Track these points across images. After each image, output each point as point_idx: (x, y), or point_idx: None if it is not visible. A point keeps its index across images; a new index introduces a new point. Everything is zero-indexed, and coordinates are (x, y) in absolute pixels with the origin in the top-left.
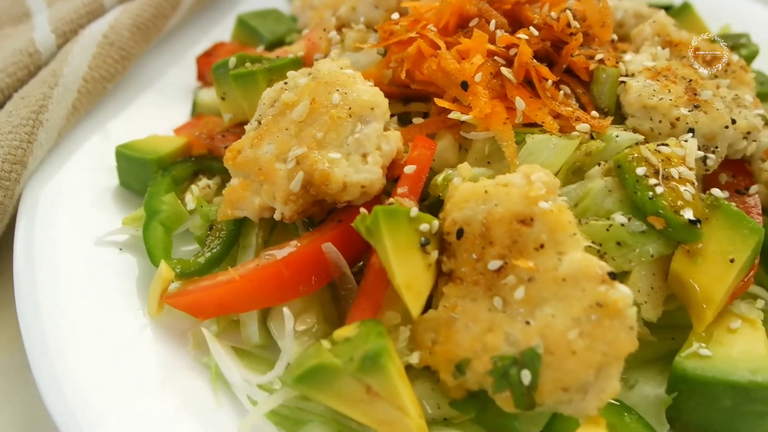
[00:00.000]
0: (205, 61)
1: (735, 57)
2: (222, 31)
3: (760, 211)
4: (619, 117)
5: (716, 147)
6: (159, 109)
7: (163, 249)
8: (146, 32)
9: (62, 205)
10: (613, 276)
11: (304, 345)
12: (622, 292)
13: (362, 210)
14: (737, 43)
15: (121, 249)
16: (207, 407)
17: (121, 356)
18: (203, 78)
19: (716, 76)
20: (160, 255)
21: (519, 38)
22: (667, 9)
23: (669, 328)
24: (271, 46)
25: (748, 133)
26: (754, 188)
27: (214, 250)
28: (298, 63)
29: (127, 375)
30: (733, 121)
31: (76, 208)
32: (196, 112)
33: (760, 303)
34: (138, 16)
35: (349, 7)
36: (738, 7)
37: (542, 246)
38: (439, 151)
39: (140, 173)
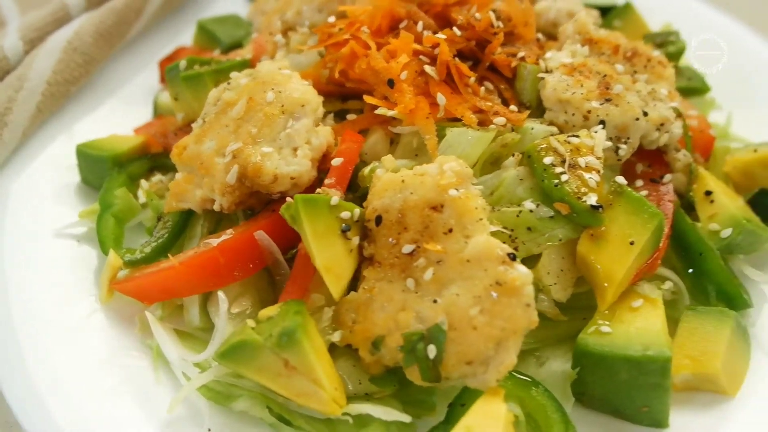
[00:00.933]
0: (167, 65)
1: (656, 53)
2: (186, 36)
3: (672, 198)
4: (541, 111)
5: (628, 138)
6: (123, 111)
7: (113, 239)
8: (109, 38)
9: (27, 200)
10: (512, 257)
11: (238, 326)
12: (520, 271)
13: (288, 199)
14: (666, 40)
15: (78, 241)
16: (147, 384)
17: (73, 338)
18: (165, 82)
19: (635, 72)
20: (111, 244)
21: (439, 38)
22: (610, 9)
23: (580, 308)
24: (229, 49)
25: (661, 124)
26: (667, 177)
27: (161, 240)
28: (246, 65)
29: (77, 355)
30: (645, 114)
31: (40, 204)
32: (157, 112)
33: (668, 284)
34: (101, 23)
35: (295, 12)
36: (680, 6)
37: (450, 230)
38: (370, 144)
39: (98, 170)
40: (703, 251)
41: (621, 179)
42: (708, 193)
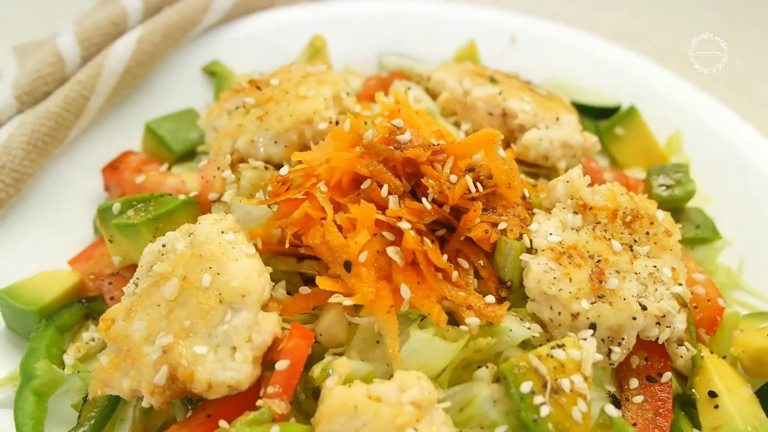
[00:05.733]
0: (111, 172)
1: (660, 215)
2: (133, 134)
3: (670, 406)
4: (523, 291)
5: (622, 339)
6: (59, 230)
7: (33, 425)
8: (44, 148)
9: None
10: None
11: None
12: None
13: (222, 423)
14: (673, 178)
15: None
16: None
17: None
18: (110, 191)
19: (635, 241)
20: None
21: (404, 227)
22: (614, 111)
23: None
24: (180, 158)
25: (663, 316)
26: (667, 375)
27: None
28: (191, 205)
29: None
30: (644, 308)
31: None
32: (98, 234)
33: None
34: (34, 132)
35: (248, 140)
36: (693, 105)
37: None
38: (325, 326)
39: (23, 321)
40: None
41: (611, 410)
42: (712, 394)
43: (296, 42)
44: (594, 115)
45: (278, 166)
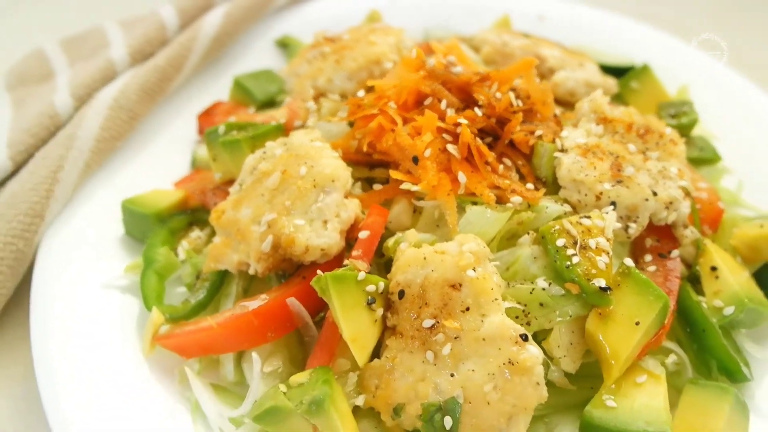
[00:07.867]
0: (204, 118)
1: (668, 130)
2: (219, 87)
3: (678, 274)
4: (556, 186)
5: (637, 217)
6: (162, 163)
7: (155, 296)
8: (152, 95)
9: (74, 253)
10: (524, 338)
11: (270, 385)
12: (531, 352)
13: (319, 271)
14: (680, 111)
15: (122, 292)
16: None
17: (118, 389)
18: (203, 134)
19: (647, 149)
20: (153, 301)
21: (461, 123)
22: (627, 70)
23: (588, 377)
24: (263, 105)
25: (670, 203)
26: (675, 252)
27: (199, 298)
28: (280, 129)
29: (121, 406)
30: (655, 194)
31: (86, 256)
32: (195, 165)
33: (673, 358)
34: (145, 81)
35: (326, 79)
36: (697, 68)
37: (468, 309)
38: (394, 214)
39: (142, 225)
40: (706, 328)
41: (629, 261)
42: (713, 268)
43: (354, 21)
44: (612, 73)
45: None
